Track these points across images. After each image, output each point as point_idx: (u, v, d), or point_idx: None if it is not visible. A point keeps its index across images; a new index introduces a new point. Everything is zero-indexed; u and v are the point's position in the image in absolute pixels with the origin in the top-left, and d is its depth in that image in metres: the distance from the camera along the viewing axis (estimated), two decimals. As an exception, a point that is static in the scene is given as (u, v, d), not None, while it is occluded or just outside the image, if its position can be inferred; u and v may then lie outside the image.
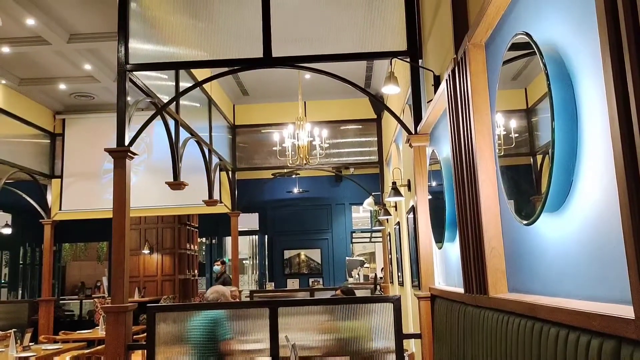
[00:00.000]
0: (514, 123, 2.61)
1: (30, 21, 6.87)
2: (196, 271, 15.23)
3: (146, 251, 13.82)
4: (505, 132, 2.66)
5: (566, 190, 2.02)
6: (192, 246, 14.92)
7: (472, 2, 3.24)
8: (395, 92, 5.02)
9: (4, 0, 6.29)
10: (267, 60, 5.31)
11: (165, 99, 6.67)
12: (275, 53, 5.31)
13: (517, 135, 2.56)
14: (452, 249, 4.10)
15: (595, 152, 1.82)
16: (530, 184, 2.36)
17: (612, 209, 1.67)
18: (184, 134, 7.78)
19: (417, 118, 5.11)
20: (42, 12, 6.85)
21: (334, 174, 12.68)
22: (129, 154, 5.12)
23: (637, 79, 1.35)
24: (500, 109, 2.72)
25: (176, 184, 7.24)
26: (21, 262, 15.90)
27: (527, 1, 2.41)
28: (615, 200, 1.47)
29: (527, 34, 2.20)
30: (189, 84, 7.84)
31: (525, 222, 2.35)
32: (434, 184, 4.67)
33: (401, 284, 8.39)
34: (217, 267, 11.78)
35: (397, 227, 8.23)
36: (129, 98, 5.31)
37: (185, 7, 5.61)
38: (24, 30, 7.20)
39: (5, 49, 7.61)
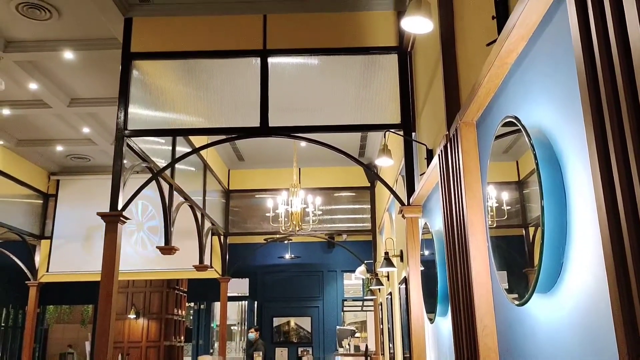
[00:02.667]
0: (505, 195, 2.64)
1: (33, 85, 7.02)
2: (182, 337, 14.82)
3: (132, 316, 13.48)
4: (497, 204, 2.69)
5: (557, 272, 2.03)
6: (179, 311, 14.59)
7: (463, 82, 3.35)
8: (388, 165, 5.10)
9: (9, 65, 6.45)
10: (264, 130, 5.42)
11: (161, 162, 6.74)
12: (272, 122, 5.43)
13: (509, 207, 2.59)
14: (444, 323, 4.05)
15: (585, 235, 1.84)
16: (523, 256, 2.37)
17: (602, 294, 1.68)
18: (177, 199, 7.79)
19: (410, 190, 5.17)
20: (45, 77, 7.01)
21: (326, 240, 12.63)
22: (121, 218, 5.11)
23: (622, 170, 1.39)
24: (493, 181, 2.76)
25: (167, 248, 7.18)
26: (3, 324, 15.44)
27: (516, 86, 2.50)
28: (605, 286, 1.47)
29: (516, 118, 2.28)
30: (185, 149, 7.94)
31: (517, 302, 2.34)
32: (426, 252, 4.67)
33: (392, 357, 8.20)
34: (251, 335, 11.42)
35: (389, 297, 8.12)
36: (125, 161, 5.36)
37: (186, 75, 5.76)
38: (26, 94, 7.35)
39: (6, 111, 7.73)
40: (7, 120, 8.27)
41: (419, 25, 2.70)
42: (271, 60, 5.56)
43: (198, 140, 8.16)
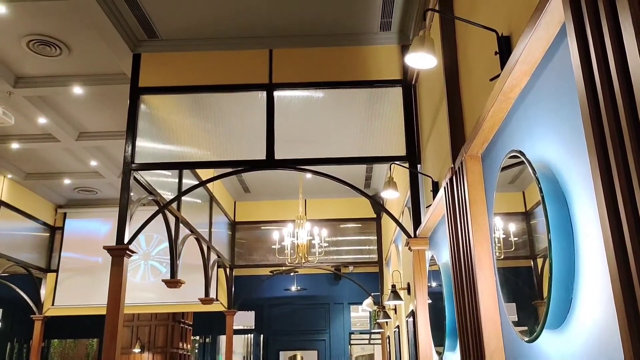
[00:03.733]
0: (512, 226, 2.63)
1: (42, 119, 7.11)
2: (188, 372, 14.61)
3: (137, 350, 13.34)
4: (504, 236, 2.68)
5: (566, 308, 2.00)
6: (185, 345, 14.43)
7: (468, 115, 3.38)
8: (394, 197, 5.10)
9: (19, 100, 6.55)
10: (270, 162, 5.44)
11: (167, 195, 6.76)
12: (278, 155, 5.46)
13: (516, 238, 2.58)
14: (453, 358, 3.98)
15: (594, 270, 1.83)
16: (531, 288, 2.35)
17: (613, 331, 1.65)
18: (183, 231, 7.79)
19: (417, 222, 5.15)
20: (55, 111, 7.11)
21: (333, 272, 12.54)
22: (127, 252, 5.11)
23: (628, 205, 1.39)
24: (499, 212, 2.75)
25: (173, 282, 7.15)
26: (7, 359, 15.30)
27: (520, 120, 2.52)
28: (615, 323, 1.46)
29: (521, 152, 2.28)
30: (191, 181, 7.97)
31: (527, 338, 2.31)
32: (434, 284, 4.63)
33: (401, 391, 8.04)
34: None
35: (397, 330, 8.02)
36: (132, 194, 5.39)
37: (193, 109, 5.83)
38: (35, 128, 7.44)
39: (15, 145, 7.82)
40: (16, 154, 8.36)
41: (423, 60, 2.73)
42: (277, 93, 5.63)
43: (204, 173, 8.20)
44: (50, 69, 6.15)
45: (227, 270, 10.67)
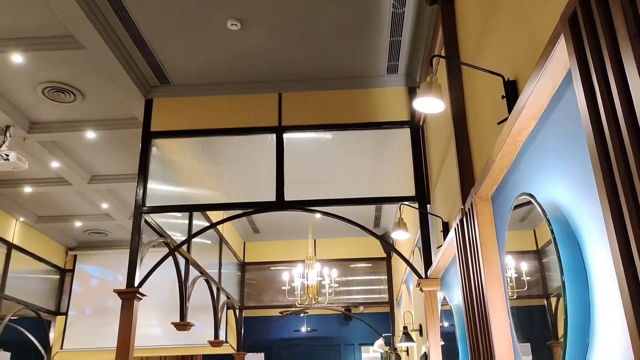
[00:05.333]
0: (525, 265, 2.62)
1: (55, 164, 7.22)
2: (197, 417, 14.31)
3: (146, 393, 13.11)
4: (516, 275, 2.66)
5: (583, 353, 1.98)
6: (194, 388, 14.17)
7: (476, 157, 3.40)
8: (404, 238, 5.09)
9: (33, 145, 6.67)
10: (280, 204, 5.47)
11: (177, 236, 6.78)
12: (288, 196, 5.49)
13: (529, 277, 2.56)
14: (469, 403, 3.89)
15: (610, 314, 1.81)
16: (546, 327, 2.32)
17: (632, 378, 1.63)
18: (193, 273, 7.78)
19: (427, 262, 5.12)
20: (67, 155, 7.22)
21: (343, 312, 12.39)
22: (137, 295, 5.11)
23: (641, 251, 1.39)
24: (511, 250, 2.74)
25: (182, 324, 7.09)
26: (15, 404, 15.06)
27: (529, 162, 2.54)
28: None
29: (531, 195, 2.30)
30: (202, 222, 8.00)
31: (543, 385, 2.27)
32: (446, 324, 4.57)
33: None
34: None
35: (410, 373, 7.86)
36: (142, 236, 5.42)
37: (203, 151, 5.91)
38: (48, 172, 7.54)
39: (28, 189, 7.91)
40: (29, 198, 8.45)
41: (431, 105, 2.78)
42: (286, 135, 5.70)
43: (215, 214, 8.24)
44: (64, 114, 6.28)
45: (237, 311, 10.57)
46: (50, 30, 4.95)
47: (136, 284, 5.17)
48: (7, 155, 5.82)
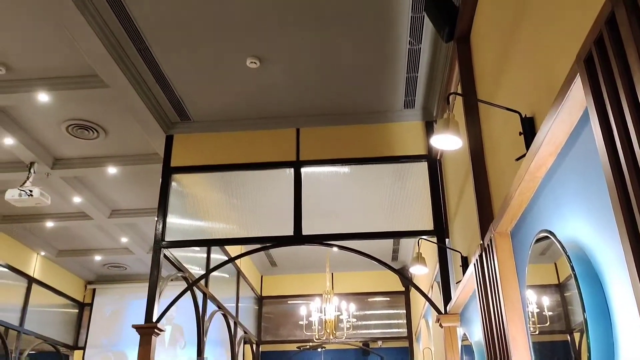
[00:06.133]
0: (546, 300, 2.58)
1: (77, 199, 7.34)
2: None
3: None
4: (538, 310, 2.63)
5: (608, 395, 1.94)
6: None
7: (495, 192, 3.41)
8: (423, 273, 5.06)
9: (56, 181, 6.81)
10: (298, 238, 5.49)
11: (195, 270, 6.80)
12: (305, 230, 5.51)
13: (550, 312, 2.52)
14: None
15: (634, 354, 1.79)
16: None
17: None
18: (210, 307, 7.77)
19: (447, 297, 5.07)
20: (89, 190, 7.35)
21: (361, 347, 12.22)
22: (155, 330, 5.11)
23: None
24: (532, 284, 2.70)
25: (200, 360, 7.05)
26: None
27: (548, 198, 2.54)
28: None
29: (550, 232, 2.29)
30: (220, 256, 8.03)
31: None
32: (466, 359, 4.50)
33: None
34: None
35: (430, 410, 7.69)
36: (162, 269, 5.46)
37: (222, 185, 5.97)
38: (70, 207, 7.67)
39: (50, 224, 8.04)
40: (50, 232, 8.58)
41: (448, 142, 2.81)
42: (304, 170, 5.75)
43: (233, 248, 8.26)
44: (87, 150, 6.42)
45: (254, 346, 10.49)
46: (76, 70, 5.11)
47: (155, 319, 5.18)
48: (30, 191, 5.95)
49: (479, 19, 3.79)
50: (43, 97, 5.32)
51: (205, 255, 7.75)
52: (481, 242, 3.46)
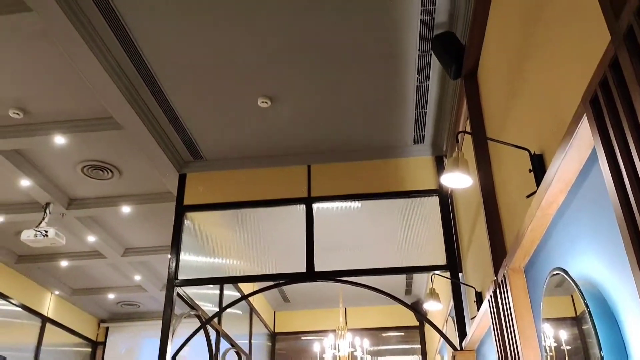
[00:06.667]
0: (564, 334, 2.54)
1: (90, 238, 7.41)
2: None
3: None
4: (556, 344, 2.59)
5: None
6: None
7: (507, 228, 3.41)
8: (437, 309, 5.02)
9: (71, 221, 6.89)
10: (310, 275, 5.48)
11: (208, 307, 6.79)
12: (318, 267, 5.50)
13: (568, 347, 2.49)
14: None
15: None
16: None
17: None
18: (223, 344, 7.72)
19: (462, 333, 5.02)
20: (103, 229, 7.42)
21: (376, 384, 12.01)
22: (170, 370, 5.09)
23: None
24: (548, 317, 2.66)
25: (214, 399, 6.97)
26: None
27: (560, 235, 2.54)
28: None
29: (564, 270, 2.29)
30: (233, 292, 8.01)
31: None
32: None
33: None
34: None
35: None
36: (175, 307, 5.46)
37: (234, 222, 6.01)
38: (84, 246, 7.74)
39: (64, 263, 8.09)
40: (64, 271, 8.63)
41: (458, 180, 2.84)
42: (316, 206, 5.78)
43: (245, 284, 8.24)
44: (101, 190, 6.51)
45: (268, 384, 10.35)
46: (91, 112, 5.23)
47: (168, 357, 5.16)
48: (46, 231, 6.03)
49: (485, 57, 3.86)
50: (59, 139, 5.44)
51: (217, 291, 7.74)
52: (495, 277, 3.45)
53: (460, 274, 5.31)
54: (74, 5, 3.95)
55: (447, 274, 5.31)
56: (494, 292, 3.43)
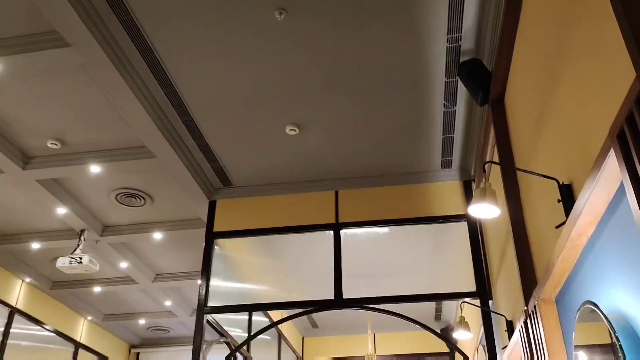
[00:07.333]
0: None
1: (123, 264, 7.55)
2: None
3: None
4: None
5: None
6: None
7: (537, 258, 3.37)
8: (467, 338, 4.96)
9: (104, 247, 7.05)
10: (338, 302, 5.48)
11: (237, 332, 6.81)
12: (346, 293, 5.50)
13: None
14: None
15: None
16: None
17: None
18: (253, 371, 7.71)
19: (493, 362, 4.93)
20: (135, 255, 7.56)
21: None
22: (200, 398, 5.11)
23: None
24: (582, 344, 2.60)
25: None
26: None
27: (591, 266, 2.51)
28: None
29: (594, 304, 2.26)
30: (261, 318, 8.02)
31: None
32: None
33: None
34: None
35: None
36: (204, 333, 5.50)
37: (263, 248, 6.07)
38: (116, 272, 7.89)
39: (97, 288, 8.25)
40: (97, 297, 8.78)
41: (486, 211, 2.84)
42: (344, 232, 5.79)
43: (275, 312, 8.25)
44: (134, 217, 6.66)
45: (297, 412, 10.27)
46: (125, 142, 5.39)
47: (198, 386, 5.19)
48: (80, 258, 6.17)
49: (512, 84, 3.86)
50: (95, 168, 5.60)
51: (246, 316, 7.77)
52: (525, 307, 3.40)
53: (490, 302, 5.23)
54: (110, 39, 4.11)
55: (477, 301, 5.24)
56: (525, 323, 3.39)
